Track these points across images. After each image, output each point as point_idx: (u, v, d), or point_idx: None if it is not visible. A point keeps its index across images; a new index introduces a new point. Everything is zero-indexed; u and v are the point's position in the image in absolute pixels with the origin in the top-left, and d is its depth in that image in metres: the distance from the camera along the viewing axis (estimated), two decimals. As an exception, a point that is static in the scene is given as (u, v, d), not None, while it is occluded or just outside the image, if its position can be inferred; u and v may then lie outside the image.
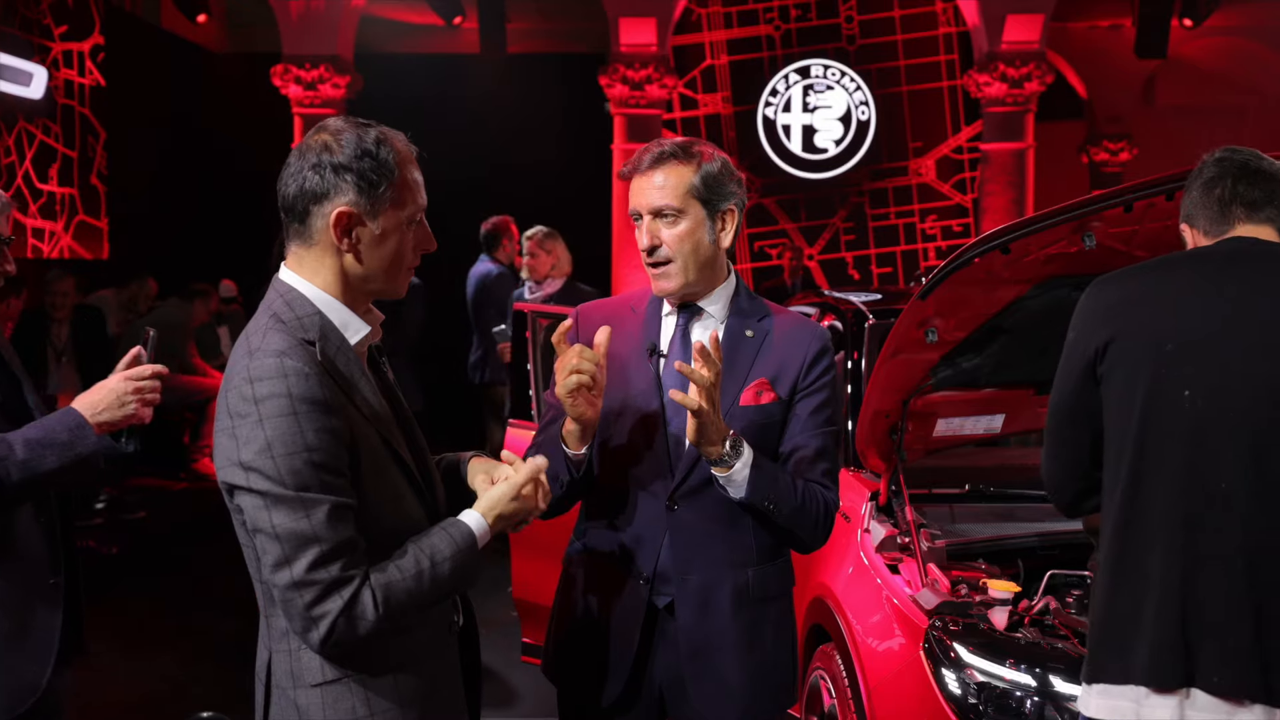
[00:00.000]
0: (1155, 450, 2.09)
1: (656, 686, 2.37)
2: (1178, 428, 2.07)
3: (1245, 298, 2.10)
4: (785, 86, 11.79)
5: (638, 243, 2.35)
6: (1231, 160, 2.22)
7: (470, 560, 1.85)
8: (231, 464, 1.74)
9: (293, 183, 1.82)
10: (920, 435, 3.55)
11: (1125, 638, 2.10)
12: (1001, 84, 11.07)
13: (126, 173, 10.80)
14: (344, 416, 1.76)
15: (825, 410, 2.39)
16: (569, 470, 2.30)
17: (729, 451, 2.21)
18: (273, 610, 1.82)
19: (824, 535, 2.38)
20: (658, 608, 2.35)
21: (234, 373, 1.76)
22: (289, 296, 1.84)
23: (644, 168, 2.32)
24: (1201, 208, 2.23)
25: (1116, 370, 2.14)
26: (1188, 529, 2.05)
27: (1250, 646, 2.01)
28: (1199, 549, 2.05)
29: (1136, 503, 2.11)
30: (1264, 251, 2.16)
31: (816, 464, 2.35)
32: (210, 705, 4.44)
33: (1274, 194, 2.19)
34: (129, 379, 2.45)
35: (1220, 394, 2.06)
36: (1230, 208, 2.19)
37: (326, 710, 1.80)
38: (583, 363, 2.20)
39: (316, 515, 1.70)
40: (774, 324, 2.41)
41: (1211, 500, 2.05)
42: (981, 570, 3.03)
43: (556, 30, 12.86)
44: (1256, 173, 2.19)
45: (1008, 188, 11.24)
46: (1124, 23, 12.13)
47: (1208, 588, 2.04)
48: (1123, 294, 2.20)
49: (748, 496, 2.23)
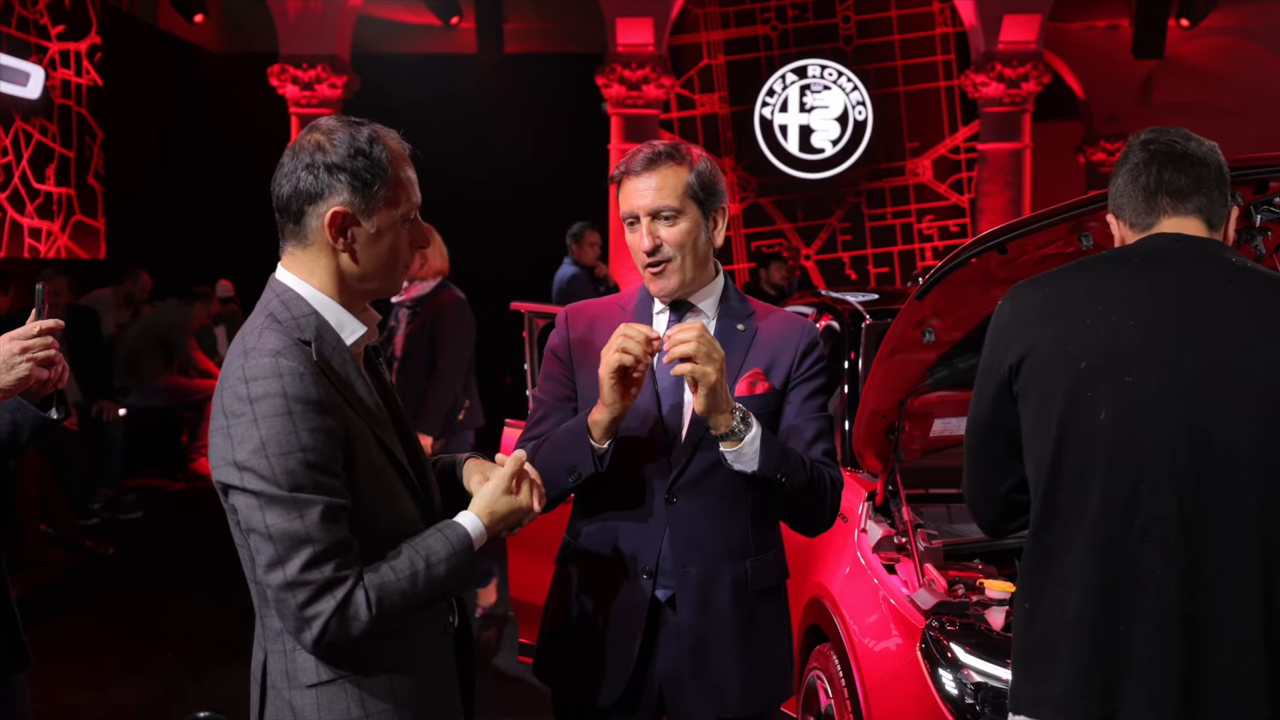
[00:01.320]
0: (1073, 474, 1.94)
1: (657, 681, 2.37)
2: (1095, 450, 1.92)
3: (1163, 307, 1.94)
4: (782, 86, 11.80)
5: (633, 246, 2.34)
6: (1158, 142, 2.05)
7: (466, 562, 1.84)
8: (226, 463, 1.73)
9: (287, 183, 1.82)
10: (917, 435, 3.55)
11: (1042, 668, 1.97)
12: (998, 84, 11.08)
13: (124, 173, 10.79)
14: (339, 417, 1.76)
15: (819, 397, 2.40)
16: (594, 464, 2.26)
17: (739, 424, 2.20)
18: (268, 610, 1.82)
19: (833, 512, 2.38)
20: (660, 602, 2.35)
21: (229, 372, 1.76)
22: (285, 296, 1.84)
23: (638, 170, 2.32)
24: (1128, 197, 2.07)
25: (1031, 389, 2.00)
26: (1108, 556, 1.90)
27: (1176, 687, 1.86)
28: (1118, 578, 1.89)
29: (1053, 529, 1.98)
30: (1187, 251, 1.99)
31: (816, 444, 2.35)
32: (208, 705, 4.43)
33: (1202, 180, 2.02)
34: (14, 339, 2.30)
35: (1138, 413, 1.90)
36: (1156, 198, 2.02)
37: (321, 711, 1.80)
38: (628, 341, 2.16)
39: (310, 516, 1.69)
40: (763, 320, 2.42)
41: (1128, 527, 1.90)
42: (978, 570, 3.03)
43: (553, 30, 12.86)
44: (1184, 157, 2.02)
45: (1005, 188, 11.25)
46: (1121, 23, 12.15)
47: (1128, 619, 1.89)
48: (1035, 304, 2.04)
49: (760, 468, 2.21)
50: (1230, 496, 1.88)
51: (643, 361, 2.18)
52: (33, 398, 2.42)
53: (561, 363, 2.46)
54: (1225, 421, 1.88)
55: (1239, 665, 1.86)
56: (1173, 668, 1.86)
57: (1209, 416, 1.89)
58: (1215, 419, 1.88)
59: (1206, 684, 1.86)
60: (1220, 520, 1.88)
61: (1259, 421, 1.87)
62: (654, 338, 2.19)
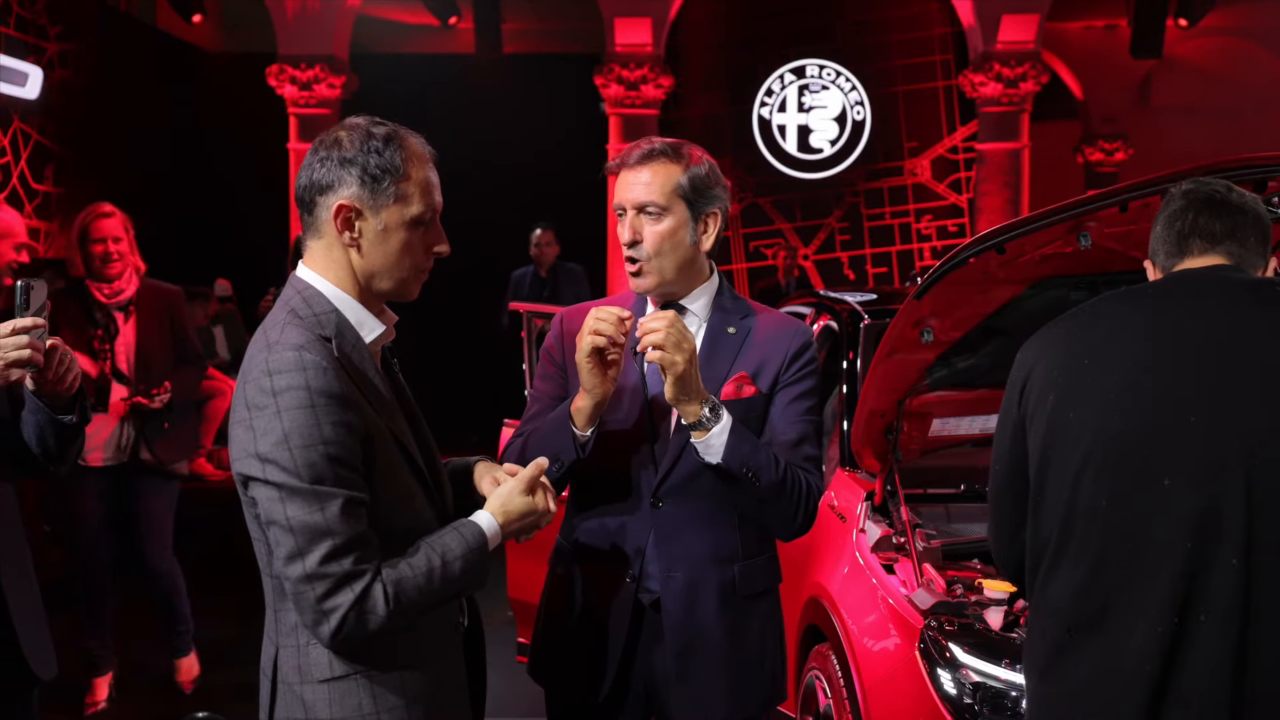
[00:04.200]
0: (1065, 531, 1.94)
1: (644, 684, 2.38)
2: (1090, 510, 1.90)
3: (1163, 346, 1.91)
4: (780, 86, 11.79)
5: (619, 236, 2.36)
6: (1198, 192, 2.04)
7: (480, 560, 1.86)
8: (248, 455, 1.75)
9: (304, 175, 1.87)
10: (916, 435, 3.55)
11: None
12: (997, 84, 11.08)
13: (122, 173, 10.79)
14: (359, 413, 1.78)
15: (806, 400, 2.39)
16: (575, 450, 2.28)
17: (708, 414, 2.21)
18: (282, 604, 1.83)
19: (806, 520, 2.36)
20: (644, 605, 2.36)
21: (252, 366, 1.77)
22: (306, 294, 1.86)
23: (632, 163, 2.33)
24: (1162, 242, 2.06)
25: (1039, 443, 1.99)
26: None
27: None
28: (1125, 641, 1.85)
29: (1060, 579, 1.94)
30: (1202, 280, 1.98)
31: (798, 448, 2.34)
32: (208, 705, 4.44)
33: (1237, 227, 2.00)
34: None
35: (1123, 471, 1.88)
36: (1188, 240, 2.02)
37: (333, 706, 1.81)
38: (600, 323, 2.19)
39: (331, 509, 1.71)
40: (757, 322, 2.42)
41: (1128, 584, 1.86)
42: (977, 570, 3.04)
43: (552, 30, 12.85)
44: (1223, 204, 2.01)
45: (1003, 188, 11.25)
46: (1119, 23, 12.14)
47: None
48: (1044, 352, 2.05)
49: (724, 460, 2.22)
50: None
51: (617, 343, 2.20)
52: (58, 400, 2.39)
53: (555, 362, 2.48)
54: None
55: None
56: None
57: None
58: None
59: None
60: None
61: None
62: (625, 317, 2.21)
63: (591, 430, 2.29)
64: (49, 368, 2.33)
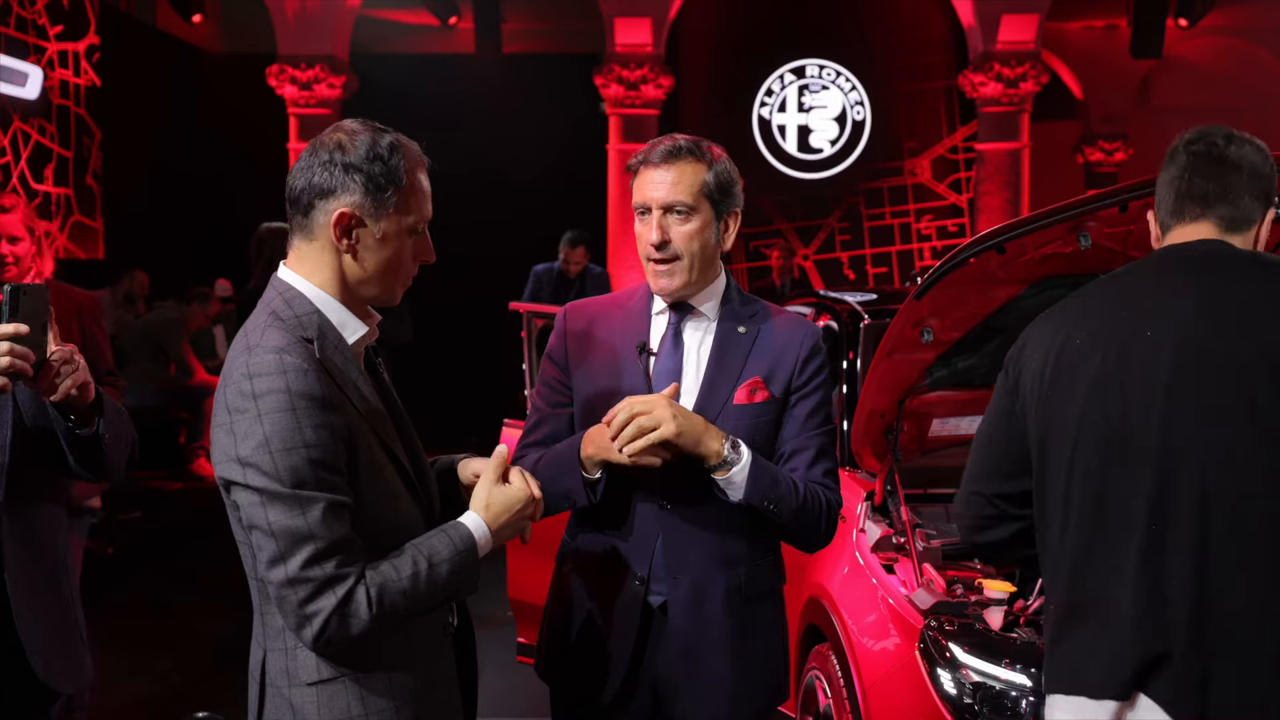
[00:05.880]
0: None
1: (650, 686, 2.37)
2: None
3: (1159, 336, 1.95)
4: (780, 86, 11.79)
5: (641, 236, 2.33)
6: (1197, 147, 2.06)
7: (469, 563, 1.84)
8: (229, 459, 1.74)
9: (301, 177, 1.83)
10: (916, 435, 3.55)
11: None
12: (997, 84, 11.08)
13: (122, 173, 10.79)
14: (342, 414, 1.76)
15: (822, 411, 2.39)
16: (586, 495, 2.28)
17: (729, 453, 2.20)
18: (268, 608, 1.82)
19: (826, 536, 2.38)
20: (653, 607, 2.35)
21: (232, 369, 1.76)
22: (288, 295, 1.84)
23: (656, 161, 2.30)
24: (1162, 196, 2.10)
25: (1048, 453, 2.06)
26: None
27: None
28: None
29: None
30: (1198, 259, 2.02)
31: (817, 465, 2.34)
32: (206, 705, 4.43)
33: (1229, 187, 2.03)
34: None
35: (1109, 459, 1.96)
36: (1183, 203, 2.06)
37: (321, 709, 1.80)
38: (642, 418, 2.17)
39: (312, 513, 1.69)
40: (767, 322, 2.40)
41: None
42: (977, 570, 3.03)
43: (552, 30, 12.85)
44: (1219, 160, 2.03)
45: (1003, 188, 11.25)
46: (1119, 23, 12.14)
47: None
48: (1042, 337, 2.11)
49: (746, 498, 2.22)
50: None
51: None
52: (76, 410, 2.32)
53: (558, 366, 2.45)
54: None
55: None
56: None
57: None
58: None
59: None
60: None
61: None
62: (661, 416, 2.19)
63: (601, 473, 2.27)
64: (41, 378, 2.21)
